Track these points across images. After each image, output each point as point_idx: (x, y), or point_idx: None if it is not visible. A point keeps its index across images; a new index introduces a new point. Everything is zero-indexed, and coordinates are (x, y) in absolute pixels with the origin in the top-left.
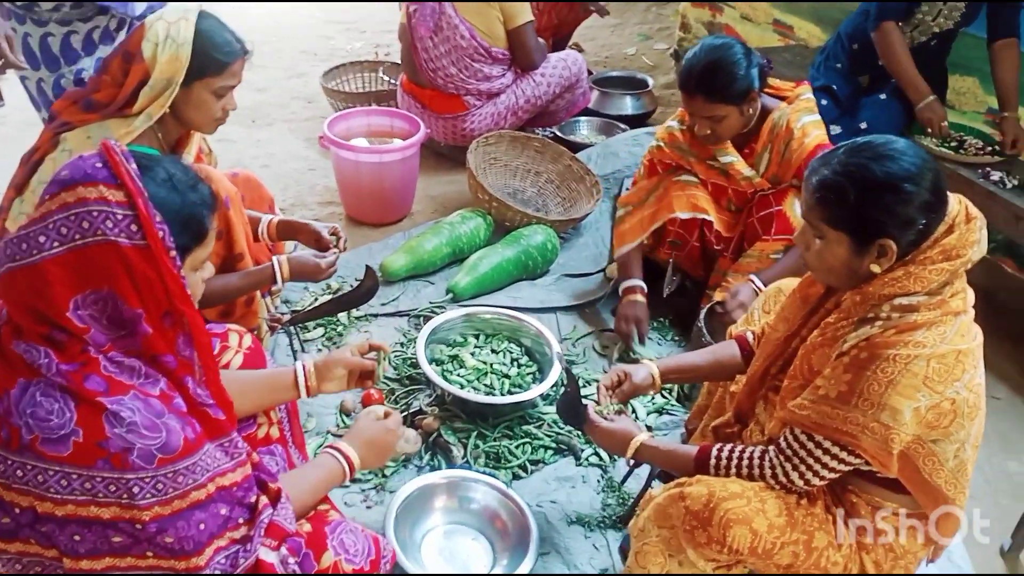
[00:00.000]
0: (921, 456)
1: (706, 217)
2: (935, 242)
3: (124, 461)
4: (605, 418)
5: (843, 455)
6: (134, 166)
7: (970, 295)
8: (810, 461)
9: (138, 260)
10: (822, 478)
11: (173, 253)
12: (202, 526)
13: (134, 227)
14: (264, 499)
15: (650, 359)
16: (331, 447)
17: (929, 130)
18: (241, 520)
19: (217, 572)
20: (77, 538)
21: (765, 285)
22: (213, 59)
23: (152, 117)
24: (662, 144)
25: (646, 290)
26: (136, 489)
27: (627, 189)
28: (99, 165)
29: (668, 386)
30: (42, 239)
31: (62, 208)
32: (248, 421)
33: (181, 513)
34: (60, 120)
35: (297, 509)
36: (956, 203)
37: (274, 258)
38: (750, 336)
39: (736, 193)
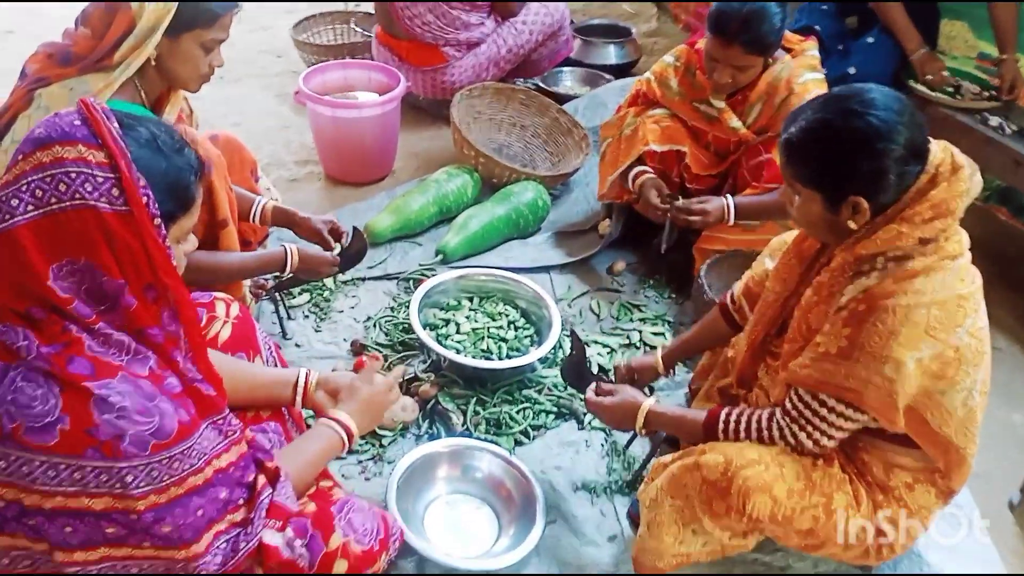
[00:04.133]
0: (928, 408)
1: (681, 148)
2: (920, 195)
3: (115, 449)
4: (605, 392)
5: (849, 412)
6: (116, 125)
7: (965, 237)
8: (816, 421)
9: (119, 227)
10: (831, 438)
11: (158, 221)
12: (200, 512)
13: (115, 191)
14: (262, 479)
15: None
16: (326, 416)
17: (930, 77)
18: (241, 501)
19: (217, 558)
20: (68, 530)
21: (738, 210)
22: (204, 9)
23: (131, 67)
24: (651, 78)
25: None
26: (129, 478)
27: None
28: (78, 123)
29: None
30: (14, 203)
31: (36, 169)
32: None
33: (178, 500)
34: (34, 76)
35: (297, 486)
36: (940, 151)
37: (286, 245)
38: (728, 296)
39: (716, 139)
